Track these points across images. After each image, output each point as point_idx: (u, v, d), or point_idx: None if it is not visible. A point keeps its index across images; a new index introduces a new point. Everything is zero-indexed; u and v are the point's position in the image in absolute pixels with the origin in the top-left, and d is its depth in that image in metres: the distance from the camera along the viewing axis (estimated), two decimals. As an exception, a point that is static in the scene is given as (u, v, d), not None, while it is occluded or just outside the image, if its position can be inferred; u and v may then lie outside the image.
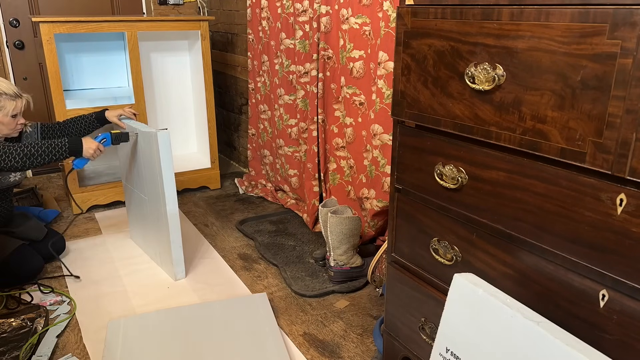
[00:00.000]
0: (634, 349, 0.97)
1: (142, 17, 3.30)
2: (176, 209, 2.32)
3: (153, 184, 2.38)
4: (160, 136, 2.22)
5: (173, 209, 2.31)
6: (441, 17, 1.21)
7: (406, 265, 1.53)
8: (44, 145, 2.19)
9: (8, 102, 2.23)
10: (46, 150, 2.18)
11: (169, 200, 2.29)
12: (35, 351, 1.91)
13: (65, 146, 2.22)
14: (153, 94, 3.62)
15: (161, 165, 2.24)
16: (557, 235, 1.07)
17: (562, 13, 0.95)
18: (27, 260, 2.36)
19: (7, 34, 3.69)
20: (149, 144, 2.32)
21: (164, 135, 2.23)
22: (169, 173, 2.26)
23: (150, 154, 2.33)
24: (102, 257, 2.66)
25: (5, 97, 2.22)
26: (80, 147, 2.25)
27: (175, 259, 2.39)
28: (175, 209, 2.32)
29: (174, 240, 2.35)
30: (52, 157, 2.20)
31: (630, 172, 0.90)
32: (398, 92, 1.39)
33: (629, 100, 0.88)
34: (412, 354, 1.57)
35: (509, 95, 1.08)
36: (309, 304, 2.25)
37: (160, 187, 2.29)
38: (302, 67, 2.90)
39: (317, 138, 2.88)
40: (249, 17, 3.33)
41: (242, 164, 4.19)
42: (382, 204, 2.50)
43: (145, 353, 1.88)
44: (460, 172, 1.27)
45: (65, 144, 2.22)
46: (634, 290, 0.95)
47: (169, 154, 2.25)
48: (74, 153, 2.25)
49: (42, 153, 2.17)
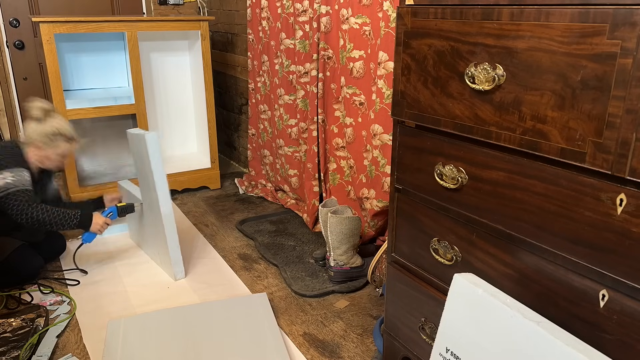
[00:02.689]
0: (634, 349, 0.97)
1: (142, 17, 3.30)
2: (171, 210, 2.32)
3: (146, 186, 2.38)
4: (148, 138, 2.23)
5: (167, 210, 2.31)
6: (441, 17, 1.21)
7: (406, 265, 1.53)
8: (57, 214, 2.26)
9: (63, 144, 2.31)
10: (57, 219, 2.26)
11: (163, 201, 2.29)
12: (35, 351, 1.91)
13: (76, 219, 2.31)
14: (153, 94, 3.62)
15: (152, 167, 2.25)
16: (557, 235, 1.07)
17: (562, 13, 0.95)
18: (27, 260, 2.36)
19: (7, 34, 3.69)
20: (139, 147, 2.33)
21: (153, 137, 2.24)
22: (160, 175, 2.27)
23: (141, 157, 2.34)
24: (102, 257, 2.66)
25: (61, 138, 2.30)
26: (89, 223, 2.36)
27: (173, 259, 2.39)
28: (169, 210, 2.32)
29: (170, 241, 2.35)
30: (60, 227, 2.28)
31: (630, 172, 0.90)
32: (398, 92, 1.39)
33: (629, 100, 0.88)
34: (412, 354, 1.57)
35: (509, 95, 1.08)
36: (309, 304, 2.25)
37: (153, 189, 2.30)
38: (302, 67, 2.90)
39: (317, 138, 2.88)
40: (249, 17, 3.33)
41: (242, 164, 4.19)
42: (382, 204, 2.50)
43: (145, 353, 1.88)
44: (460, 172, 1.27)
45: (77, 217, 2.31)
46: (634, 290, 0.95)
47: (158, 155, 2.26)
48: (83, 227, 2.35)
49: (51, 222, 2.25)
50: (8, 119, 3.81)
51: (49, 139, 2.27)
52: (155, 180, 2.26)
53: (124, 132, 3.71)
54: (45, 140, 2.27)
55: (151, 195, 2.35)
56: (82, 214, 2.34)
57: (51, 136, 2.27)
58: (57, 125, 2.28)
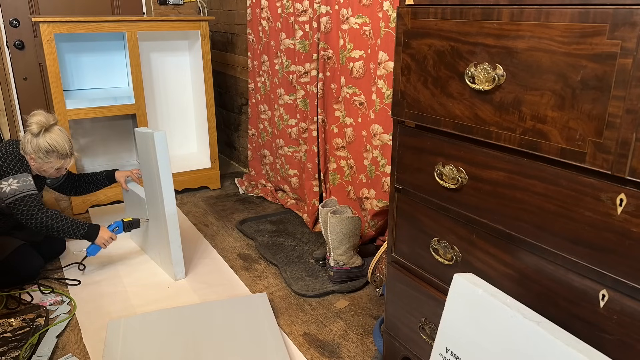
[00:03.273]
0: (634, 349, 0.97)
1: (142, 17, 3.30)
2: (174, 209, 2.32)
3: (151, 185, 2.38)
4: (157, 137, 2.22)
5: (171, 210, 2.31)
6: (441, 17, 1.21)
7: (406, 265, 1.53)
8: (66, 222, 2.30)
9: (56, 160, 2.34)
10: (65, 227, 2.30)
11: (167, 200, 2.29)
12: (35, 351, 1.91)
13: (84, 230, 2.35)
14: (153, 94, 3.62)
15: (159, 166, 2.24)
16: (557, 235, 1.07)
17: (562, 13, 0.95)
18: (27, 260, 2.37)
19: (7, 34, 3.69)
20: (146, 145, 2.32)
21: (161, 136, 2.23)
22: (166, 173, 2.27)
23: (147, 155, 2.34)
24: (102, 257, 2.66)
25: (55, 155, 2.32)
26: (95, 235, 2.38)
27: (174, 259, 2.39)
28: (173, 209, 2.32)
29: (173, 241, 2.35)
30: (66, 235, 2.32)
31: (630, 172, 0.90)
32: (398, 92, 1.39)
33: (629, 100, 0.88)
34: (412, 354, 1.57)
35: (509, 95, 1.08)
36: (309, 304, 2.25)
37: (158, 188, 2.29)
38: (302, 67, 2.90)
39: (317, 138, 2.88)
40: (249, 17, 3.33)
41: (242, 164, 4.19)
42: (382, 204, 2.50)
43: (145, 353, 1.88)
44: (460, 172, 1.27)
45: (85, 228, 2.35)
46: (634, 290, 0.95)
47: (166, 154, 2.26)
48: (89, 238, 2.38)
49: (59, 229, 2.28)
50: (8, 119, 3.81)
51: (43, 154, 2.30)
52: (162, 180, 2.27)
53: (124, 132, 3.74)
54: (40, 155, 2.29)
55: (156, 195, 2.35)
56: (90, 225, 2.37)
57: (45, 152, 2.29)
58: (53, 142, 2.29)
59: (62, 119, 3.02)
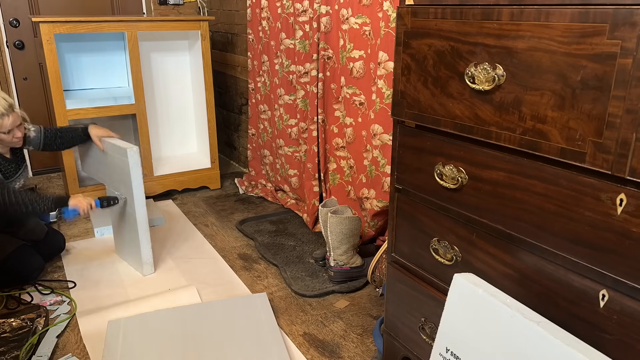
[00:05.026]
0: (634, 349, 0.97)
1: (142, 17, 3.30)
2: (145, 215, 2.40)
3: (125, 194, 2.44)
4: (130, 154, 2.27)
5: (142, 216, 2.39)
6: (441, 17, 1.21)
7: (406, 265, 1.53)
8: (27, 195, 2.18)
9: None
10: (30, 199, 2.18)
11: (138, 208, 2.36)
12: (35, 351, 1.91)
13: (52, 197, 2.25)
14: (153, 94, 3.61)
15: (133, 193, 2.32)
16: (557, 235, 1.07)
17: (562, 13, 0.95)
18: (27, 260, 2.36)
19: (7, 34, 3.69)
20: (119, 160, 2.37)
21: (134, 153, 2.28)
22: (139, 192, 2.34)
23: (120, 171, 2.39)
24: (102, 257, 2.66)
25: None
26: (66, 200, 2.27)
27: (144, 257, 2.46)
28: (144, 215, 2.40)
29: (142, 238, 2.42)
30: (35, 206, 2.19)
31: (630, 172, 0.90)
32: (398, 92, 1.39)
33: (629, 100, 0.88)
34: (412, 354, 1.57)
35: (509, 95, 1.08)
36: (309, 304, 2.25)
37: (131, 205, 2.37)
38: (302, 67, 2.90)
39: (317, 138, 2.88)
40: (249, 17, 3.33)
41: (242, 164, 4.19)
42: (382, 204, 2.50)
43: (145, 353, 1.88)
44: (460, 172, 1.27)
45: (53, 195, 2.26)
46: (634, 290, 0.95)
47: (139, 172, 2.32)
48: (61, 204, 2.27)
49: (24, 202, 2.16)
50: (8, 119, 3.80)
51: None
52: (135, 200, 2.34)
53: (124, 132, 3.74)
54: None
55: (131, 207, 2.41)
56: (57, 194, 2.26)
57: None
58: None
59: (62, 119, 3.03)
